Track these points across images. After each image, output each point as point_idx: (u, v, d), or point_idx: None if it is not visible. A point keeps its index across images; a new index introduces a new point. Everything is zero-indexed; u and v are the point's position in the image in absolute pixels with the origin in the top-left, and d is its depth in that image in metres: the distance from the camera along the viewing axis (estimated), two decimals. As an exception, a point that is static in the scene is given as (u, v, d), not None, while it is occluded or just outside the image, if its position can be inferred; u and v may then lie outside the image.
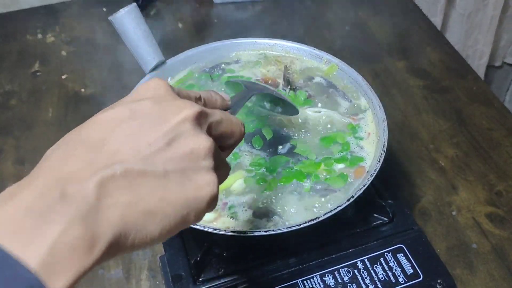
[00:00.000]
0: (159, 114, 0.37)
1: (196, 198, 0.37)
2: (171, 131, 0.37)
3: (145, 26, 0.76)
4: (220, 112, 0.43)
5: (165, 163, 0.36)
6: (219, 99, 0.48)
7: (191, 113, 0.38)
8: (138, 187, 0.34)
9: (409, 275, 0.67)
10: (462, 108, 1.00)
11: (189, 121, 0.38)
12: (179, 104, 0.39)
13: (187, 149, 0.37)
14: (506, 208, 0.82)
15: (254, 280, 0.67)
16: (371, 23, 1.21)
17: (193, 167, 0.37)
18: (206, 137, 0.38)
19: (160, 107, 0.38)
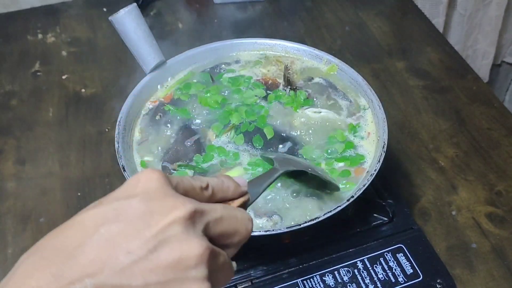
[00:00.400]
0: (144, 216, 0.33)
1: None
2: (156, 237, 0.32)
3: (145, 26, 0.76)
4: (221, 208, 0.38)
5: (146, 275, 0.32)
6: (232, 186, 0.42)
7: (181, 214, 0.33)
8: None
9: (408, 275, 0.67)
10: (462, 108, 1.00)
11: (179, 223, 0.33)
12: (170, 203, 0.34)
13: (174, 257, 0.32)
14: (506, 208, 0.82)
15: (254, 280, 0.67)
16: (371, 23, 1.21)
17: (180, 279, 0.32)
18: (199, 241, 0.33)
19: (147, 207, 0.34)
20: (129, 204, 0.34)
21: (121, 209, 0.33)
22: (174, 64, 0.83)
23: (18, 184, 0.88)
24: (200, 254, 0.33)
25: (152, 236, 0.32)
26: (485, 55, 1.62)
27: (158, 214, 0.33)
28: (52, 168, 0.90)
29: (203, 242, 0.34)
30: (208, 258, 0.33)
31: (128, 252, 0.32)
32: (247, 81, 0.81)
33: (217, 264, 0.35)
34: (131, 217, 0.33)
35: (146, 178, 0.36)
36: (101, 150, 0.94)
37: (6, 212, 0.84)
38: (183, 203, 0.34)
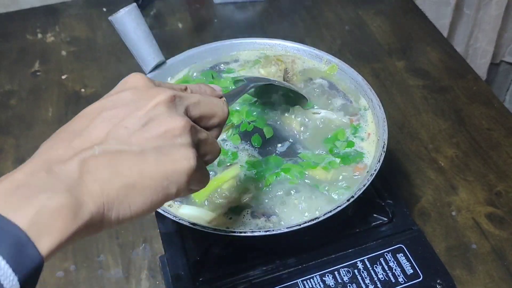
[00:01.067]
0: (135, 102, 0.41)
1: (174, 171, 0.40)
2: (146, 115, 0.40)
3: (145, 26, 0.76)
4: (198, 95, 0.46)
5: (141, 143, 0.39)
6: (209, 90, 0.50)
7: (164, 97, 0.42)
8: (116, 164, 0.38)
9: (408, 275, 0.67)
10: (462, 108, 1.00)
11: (162, 104, 0.41)
12: (154, 91, 0.42)
13: (161, 129, 0.40)
14: (505, 209, 0.82)
15: (254, 280, 0.67)
16: (371, 23, 1.21)
17: (169, 144, 0.40)
18: (181, 117, 0.41)
19: (137, 95, 0.42)
20: (124, 94, 0.42)
21: (115, 100, 0.42)
22: (174, 64, 0.83)
23: (18, 184, 0.88)
24: (182, 126, 0.41)
25: (143, 115, 0.40)
26: (483, 53, 1.62)
27: (145, 99, 0.42)
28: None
29: (184, 117, 0.42)
30: (189, 129, 0.41)
31: (125, 127, 0.40)
32: None
33: (200, 138, 0.44)
34: (124, 104, 0.41)
35: (134, 78, 0.45)
36: (101, 149, 0.93)
37: (5, 212, 0.84)
38: (164, 90, 0.43)
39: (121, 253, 0.79)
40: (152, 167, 0.39)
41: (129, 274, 0.76)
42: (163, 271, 0.70)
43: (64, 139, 0.39)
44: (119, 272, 0.77)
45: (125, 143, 0.39)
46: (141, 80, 0.44)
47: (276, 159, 0.71)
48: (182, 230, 0.72)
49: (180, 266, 0.68)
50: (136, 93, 0.42)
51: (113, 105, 0.41)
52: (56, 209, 0.34)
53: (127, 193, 0.38)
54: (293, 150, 0.72)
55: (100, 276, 0.76)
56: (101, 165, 0.37)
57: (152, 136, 0.40)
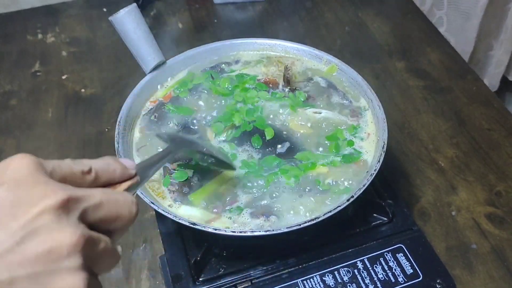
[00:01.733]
0: (12, 206, 0.31)
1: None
2: (24, 228, 0.31)
3: (145, 26, 0.76)
4: (100, 193, 0.36)
5: (11, 269, 0.30)
6: (119, 168, 0.40)
7: (52, 203, 0.32)
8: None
9: (408, 275, 0.67)
10: (462, 109, 1.00)
11: (49, 212, 0.31)
12: (40, 191, 0.32)
13: (44, 248, 0.31)
14: (505, 209, 0.82)
15: (254, 280, 0.67)
16: (371, 24, 1.21)
17: (51, 270, 0.31)
18: (72, 230, 0.32)
19: (16, 195, 0.32)
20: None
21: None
22: (174, 64, 0.83)
23: (18, 184, 0.88)
24: (72, 243, 0.31)
25: (19, 228, 0.31)
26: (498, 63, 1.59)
27: (26, 204, 0.31)
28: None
29: (77, 230, 0.32)
30: (82, 246, 0.32)
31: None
32: (252, 80, 0.82)
33: (97, 251, 0.34)
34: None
35: (15, 164, 0.34)
36: (101, 150, 0.94)
37: (5, 212, 0.84)
38: (53, 190, 0.32)
39: (121, 253, 0.79)
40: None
41: (129, 274, 0.76)
42: (163, 271, 0.70)
43: None
44: (119, 272, 0.77)
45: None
46: (26, 167, 0.33)
47: (273, 159, 0.71)
48: (182, 230, 0.72)
49: (180, 266, 0.68)
50: (14, 191, 0.32)
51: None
52: None
53: None
54: (293, 150, 0.72)
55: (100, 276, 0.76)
56: None
57: (29, 259, 0.30)
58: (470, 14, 1.43)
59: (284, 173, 0.69)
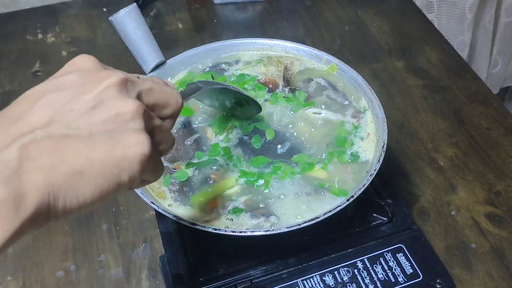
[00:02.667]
0: (83, 84, 0.38)
1: (125, 157, 0.37)
2: (95, 98, 0.37)
3: (145, 26, 0.76)
4: (151, 82, 0.43)
5: (89, 126, 0.36)
6: (162, 82, 0.47)
7: (114, 80, 0.38)
8: (61, 150, 0.34)
9: (408, 274, 0.67)
10: (461, 108, 1.00)
11: (113, 87, 0.38)
12: (104, 73, 0.39)
13: (112, 112, 0.37)
14: (505, 208, 0.82)
15: (253, 280, 0.67)
16: (370, 23, 1.21)
17: (120, 129, 0.37)
18: (133, 101, 0.38)
19: (85, 78, 0.38)
20: (68, 77, 0.38)
21: (60, 82, 0.38)
22: (174, 64, 0.83)
23: (18, 184, 0.88)
24: (135, 110, 0.38)
25: (91, 98, 0.37)
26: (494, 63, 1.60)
27: (94, 82, 0.38)
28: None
29: (136, 101, 0.38)
30: (142, 113, 0.38)
31: (71, 110, 0.36)
32: (251, 80, 0.82)
33: (153, 124, 0.40)
34: (70, 86, 0.38)
35: (82, 60, 0.41)
36: (101, 150, 0.93)
37: (6, 212, 0.84)
38: (115, 72, 0.39)
39: (121, 253, 0.79)
40: (102, 153, 0.36)
41: (129, 274, 0.77)
42: (163, 271, 0.70)
43: (1, 125, 0.36)
44: (119, 272, 0.77)
45: (71, 127, 0.36)
46: (90, 61, 0.41)
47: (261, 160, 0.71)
48: (182, 230, 0.72)
49: (180, 266, 0.68)
50: (83, 76, 0.39)
51: (57, 88, 0.38)
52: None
53: (74, 181, 0.34)
54: (294, 151, 0.72)
55: (100, 276, 0.77)
56: (44, 151, 0.34)
57: (102, 120, 0.36)
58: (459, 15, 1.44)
59: (276, 171, 0.69)
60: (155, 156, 0.41)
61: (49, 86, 0.38)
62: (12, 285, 0.76)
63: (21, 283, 0.76)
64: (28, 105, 0.37)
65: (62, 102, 0.37)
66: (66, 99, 0.37)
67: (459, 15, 1.44)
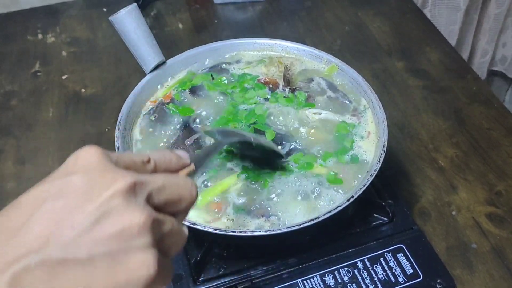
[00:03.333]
0: (86, 190, 0.34)
1: (129, 282, 0.33)
2: (98, 209, 0.33)
3: (145, 26, 0.76)
4: (163, 177, 0.38)
5: (90, 247, 0.32)
6: (174, 158, 0.43)
7: (122, 186, 0.34)
8: (58, 278, 0.31)
9: (409, 275, 0.67)
10: (462, 108, 1.00)
11: (119, 195, 0.34)
12: (110, 176, 0.35)
13: (117, 227, 0.33)
14: (505, 208, 0.82)
15: (254, 280, 0.67)
16: (370, 23, 1.21)
17: (124, 248, 0.33)
18: (141, 210, 0.34)
19: (90, 181, 0.35)
20: (70, 180, 0.35)
21: (62, 186, 0.34)
22: (174, 64, 0.83)
23: (18, 184, 0.88)
24: (143, 222, 0.34)
25: (94, 209, 0.33)
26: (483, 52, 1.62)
27: (98, 188, 0.34)
28: (52, 168, 0.89)
29: (145, 210, 0.34)
30: (151, 225, 0.34)
31: (72, 226, 0.32)
32: (252, 80, 0.82)
33: (164, 230, 0.36)
34: (72, 193, 0.34)
35: (84, 155, 0.37)
36: (101, 150, 0.93)
37: (6, 212, 0.84)
38: (122, 175, 0.35)
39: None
40: (102, 280, 0.32)
41: (129, 274, 0.76)
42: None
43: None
44: (119, 272, 0.76)
45: (70, 249, 0.32)
46: (95, 157, 0.36)
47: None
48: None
49: (180, 266, 0.68)
50: (88, 178, 0.35)
51: (57, 194, 0.34)
52: None
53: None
54: (294, 151, 0.72)
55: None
56: (37, 280, 0.30)
57: (105, 238, 0.33)
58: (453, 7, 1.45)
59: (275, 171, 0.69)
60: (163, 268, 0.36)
61: (50, 189, 0.34)
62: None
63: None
64: (27, 213, 0.33)
65: (63, 214, 0.33)
66: (67, 210, 0.33)
67: (453, 6, 1.45)
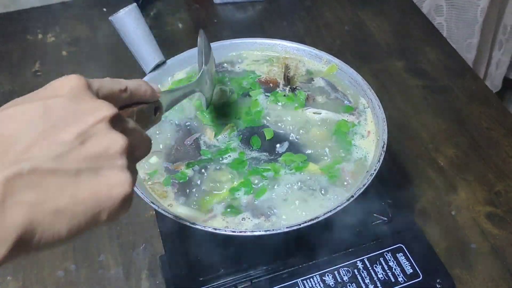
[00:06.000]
0: (74, 113, 0.37)
1: (108, 197, 0.36)
2: (86, 130, 0.36)
3: (145, 26, 0.76)
4: (134, 123, 0.43)
5: (78, 162, 0.35)
6: (149, 90, 0.48)
7: (107, 114, 0.38)
8: (46, 186, 0.33)
9: (408, 274, 0.67)
10: (462, 108, 1.00)
11: (104, 121, 0.37)
12: (95, 104, 0.38)
13: (102, 147, 0.37)
14: (505, 208, 0.82)
15: (254, 280, 0.67)
16: (370, 23, 1.21)
17: (107, 166, 0.37)
18: (122, 136, 0.38)
19: (76, 105, 0.37)
20: (60, 101, 0.37)
21: (51, 106, 0.36)
22: (174, 64, 0.83)
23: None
24: (124, 146, 0.38)
25: (83, 131, 0.36)
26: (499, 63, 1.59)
27: (86, 112, 0.37)
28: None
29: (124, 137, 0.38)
30: (128, 152, 0.38)
31: (61, 142, 0.35)
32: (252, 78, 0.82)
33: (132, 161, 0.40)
34: (62, 113, 0.36)
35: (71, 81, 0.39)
36: (101, 150, 0.93)
37: (6, 212, 0.84)
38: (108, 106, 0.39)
39: (121, 253, 0.79)
40: (87, 191, 0.35)
41: (129, 274, 0.77)
42: (163, 271, 0.70)
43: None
44: (119, 272, 0.77)
45: (59, 161, 0.34)
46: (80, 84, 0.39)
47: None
48: (182, 230, 0.72)
49: (180, 266, 0.68)
50: (73, 102, 0.37)
51: (46, 112, 0.36)
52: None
53: (55, 219, 0.34)
54: (293, 150, 0.72)
55: (100, 276, 0.76)
56: (29, 186, 0.33)
57: (91, 155, 0.36)
58: (470, 19, 1.43)
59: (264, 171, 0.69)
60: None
61: (38, 108, 0.36)
62: (12, 284, 0.76)
63: (21, 283, 0.76)
64: (16, 127, 0.35)
65: (53, 131, 0.35)
66: (56, 128, 0.35)
67: (471, 18, 1.43)
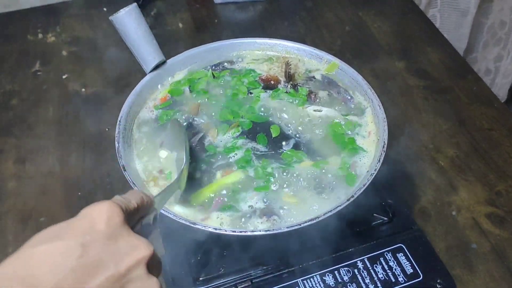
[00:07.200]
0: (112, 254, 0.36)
1: None
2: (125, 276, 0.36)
3: (146, 26, 0.76)
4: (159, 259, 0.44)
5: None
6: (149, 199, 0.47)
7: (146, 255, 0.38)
8: None
9: (409, 274, 0.67)
10: (462, 108, 1.00)
11: (142, 265, 0.38)
12: (134, 243, 0.38)
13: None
14: (506, 208, 0.82)
15: (254, 279, 0.67)
16: (371, 23, 1.21)
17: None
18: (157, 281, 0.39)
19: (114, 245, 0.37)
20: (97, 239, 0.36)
21: (89, 245, 0.36)
22: (174, 64, 0.83)
23: (19, 184, 0.88)
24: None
25: (121, 275, 0.36)
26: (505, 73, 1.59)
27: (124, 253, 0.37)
28: (52, 167, 0.90)
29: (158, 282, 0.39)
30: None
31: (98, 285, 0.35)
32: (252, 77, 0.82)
33: None
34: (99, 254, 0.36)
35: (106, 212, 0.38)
36: (101, 149, 0.94)
37: (6, 212, 0.84)
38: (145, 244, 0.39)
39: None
40: None
41: (129, 274, 0.76)
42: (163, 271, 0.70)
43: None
44: (119, 272, 0.76)
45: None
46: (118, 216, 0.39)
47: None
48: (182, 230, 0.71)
49: (180, 266, 0.68)
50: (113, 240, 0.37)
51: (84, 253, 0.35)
52: None
53: None
54: (298, 147, 0.72)
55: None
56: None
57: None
58: (463, 11, 1.44)
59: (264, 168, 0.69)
60: None
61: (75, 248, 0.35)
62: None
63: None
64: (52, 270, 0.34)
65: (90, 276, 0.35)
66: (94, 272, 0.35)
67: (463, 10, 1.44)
